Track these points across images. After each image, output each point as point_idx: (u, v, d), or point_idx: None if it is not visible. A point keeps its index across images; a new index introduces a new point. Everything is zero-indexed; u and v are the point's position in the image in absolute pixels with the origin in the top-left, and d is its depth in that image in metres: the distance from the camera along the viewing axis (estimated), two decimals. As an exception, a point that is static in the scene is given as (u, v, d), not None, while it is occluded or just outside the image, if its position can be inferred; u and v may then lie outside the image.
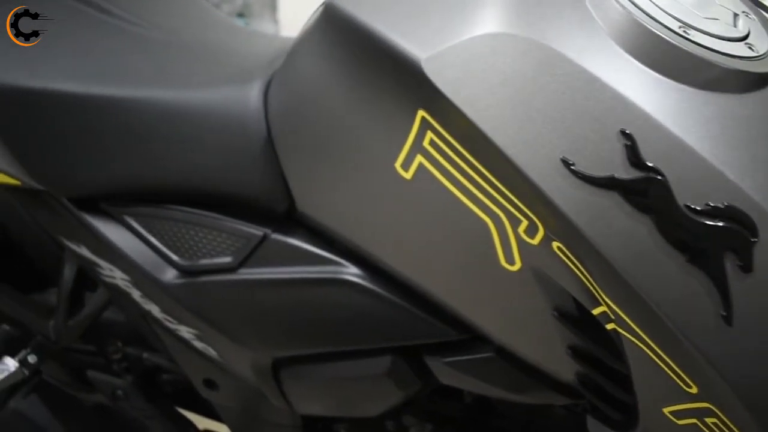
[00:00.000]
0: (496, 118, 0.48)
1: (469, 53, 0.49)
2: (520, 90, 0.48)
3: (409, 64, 0.51)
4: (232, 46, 0.81)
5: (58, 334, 0.94)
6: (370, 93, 0.57)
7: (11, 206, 1.02)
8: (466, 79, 0.49)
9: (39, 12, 0.80)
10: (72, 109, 0.73)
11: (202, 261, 0.73)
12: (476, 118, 0.48)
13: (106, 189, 0.77)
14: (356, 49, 0.56)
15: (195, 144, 0.71)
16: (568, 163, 0.46)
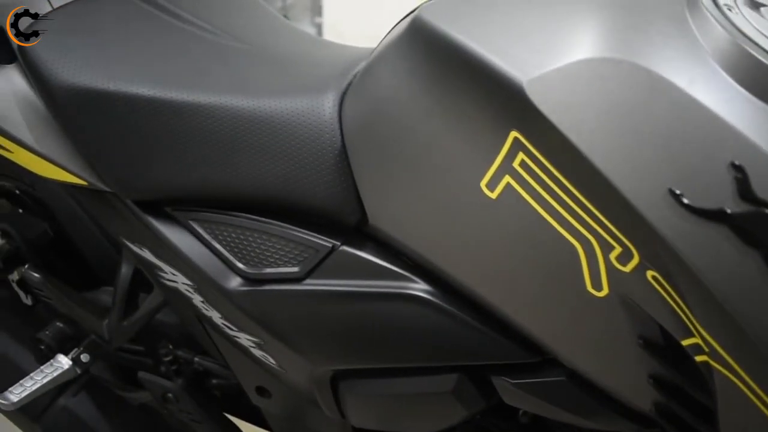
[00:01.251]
0: (601, 144, 0.47)
1: (574, 77, 0.48)
2: (628, 117, 0.47)
3: (509, 85, 0.50)
4: (305, 54, 0.81)
5: (112, 334, 0.94)
6: (458, 110, 0.56)
7: (69, 206, 1.03)
8: (570, 103, 0.48)
9: (117, 16, 0.81)
10: (146, 113, 0.73)
11: (268, 270, 0.73)
12: (580, 143, 0.47)
13: (174, 193, 0.77)
14: (448, 66, 0.56)
15: (268, 152, 0.70)
16: (675, 193, 0.45)
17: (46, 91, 0.77)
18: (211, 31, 0.83)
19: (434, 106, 0.58)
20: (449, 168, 0.59)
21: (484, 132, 0.55)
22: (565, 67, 0.49)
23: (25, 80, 0.82)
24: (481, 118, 0.55)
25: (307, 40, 0.88)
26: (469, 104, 0.55)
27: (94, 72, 0.75)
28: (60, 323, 1.01)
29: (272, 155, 0.70)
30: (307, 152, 0.69)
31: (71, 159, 0.80)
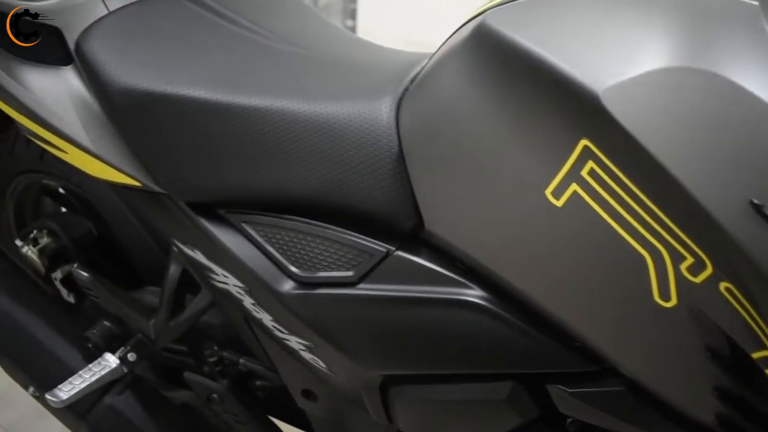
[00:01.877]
0: (680, 154, 0.47)
1: (653, 86, 0.48)
2: (708, 128, 0.46)
3: (584, 94, 0.50)
4: (356, 58, 0.81)
5: (158, 334, 0.95)
6: (525, 118, 0.56)
7: (115, 205, 1.04)
8: (649, 112, 0.48)
9: (170, 19, 0.81)
10: (202, 116, 0.74)
11: (321, 273, 0.73)
12: (658, 153, 0.47)
13: (227, 196, 0.77)
14: (516, 73, 0.55)
15: (323, 157, 0.70)
16: (756, 205, 0.45)
17: (102, 93, 0.78)
18: (263, 34, 0.84)
19: (499, 112, 0.58)
20: (513, 175, 0.58)
21: (552, 139, 0.54)
22: (643, 76, 0.48)
23: (80, 82, 0.83)
24: (549, 126, 0.54)
25: (356, 44, 0.88)
26: (537, 111, 0.55)
27: (151, 74, 0.76)
28: (107, 322, 1.02)
29: (328, 159, 0.70)
30: (363, 157, 0.69)
31: (125, 160, 0.81)
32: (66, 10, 0.83)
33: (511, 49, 0.55)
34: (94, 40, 0.79)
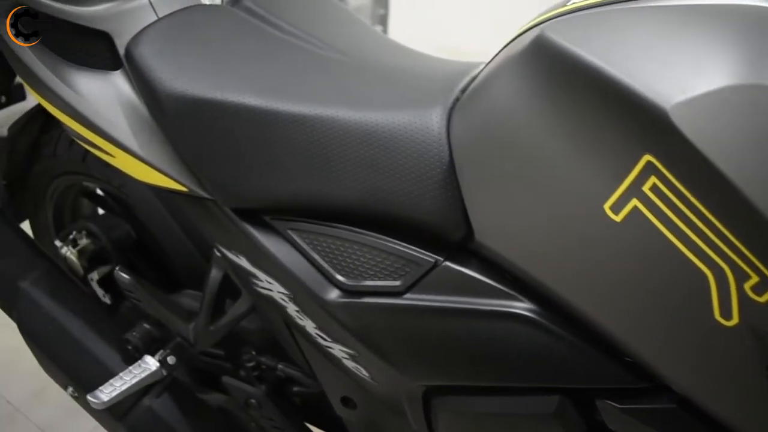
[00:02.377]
0: (751, 172, 0.46)
1: (724, 103, 0.47)
2: (781, 145, 0.46)
3: (651, 109, 0.49)
4: (405, 67, 0.81)
5: (198, 337, 0.95)
6: (585, 131, 0.55)
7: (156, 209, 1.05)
8: (719, 129, 0.47)
9: (219, 25, 0.81)
10: (251, 123, 0.74)
11: (367, 282, 0.73)
12: (728, 171, 0.46)
13: (273, 203, 0.77)
14: (578, 86, 0.55)
15: (372, 166, 0.70)
16: None
17: (152, 98, 0.79)
18: (310, 41, 0.84)
19: (557, 125, 0.57)
20: (569, 188, 0.58)
21: (613, 154, 0.54)
22: (713, 93, 0.47)
23: (129, 86, 0.83)
24: (610, 140, 0.53)
25: (402, 52, 0.87)
26: (598, 125, 0.54)
27: (202, 81, 0.76)
28: (146, 325, 1.03)
29: (377, 169, 0.70)
30: (413, 166, 0.69)
31: (172, 165, 0.81)
32: (116, 16, 0.84)
33: (573, 62, 0.54)
34: (145, 46, 0.80)
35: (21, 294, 1.04)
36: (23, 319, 1.05)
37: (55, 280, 1.07)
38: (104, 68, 0.84)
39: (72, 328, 1.02)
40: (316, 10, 0.93)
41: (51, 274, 1.08)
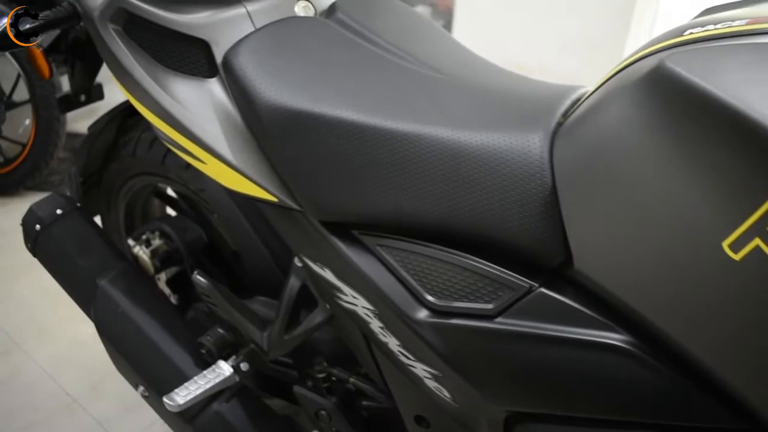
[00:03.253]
0: None
1: None
2: None
3: None
4: (502, 87, 0.80)
5: (272, 346, 0.96)
6: (705, 166, 0.54)
7: (233, 215, 1.05)
8: None
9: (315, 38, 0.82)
10: (349, 138, 0.74)
11: (457, 304, 0.72)
12: None
13: (364, 218, 0.77)
14: (701, 120, 0.53)
15: (470, 186, 0.69)
16: None
17: (249, 108, 0.79)
18: (405, 57, 0.84)
19: (675, 157, 0.56)
20: (684, 222, 0.56)
21: (737, 191, 0.52)
22: None
23: (225, 94, 0.84)
24: (734, 177, 0.52)
25: (495, 71, 0.87)
26: (721, 161, 0.52)
27: (300, 93, 0.76)
28: (220, 329, 1.04)
29: (474, 189, 0.69)
30: (513, 189, 0.68)
31: (264, 175, 0.82)
32: (214, 25, 0.85)
33: (699, 95, 0.52)
34: (244, 56, 0.80)
35: (99, 292, 1.06)
36: (100, 317, 1.07)
37: (132, 279, 1.09)
38: (200, 75, 0.85)
39: (147, 329, 1.03)
40: (407, 24, 0.93)
41: (129, 274, 1.09)
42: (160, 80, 0.85)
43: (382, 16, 0.93)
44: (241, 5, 0.87)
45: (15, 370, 1.83)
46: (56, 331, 1.96)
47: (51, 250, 1.12)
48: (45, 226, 1.12)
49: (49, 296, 2.06)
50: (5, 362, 1.86)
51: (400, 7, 0.97)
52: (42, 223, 1.13)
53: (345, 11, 0.91)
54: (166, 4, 0.85)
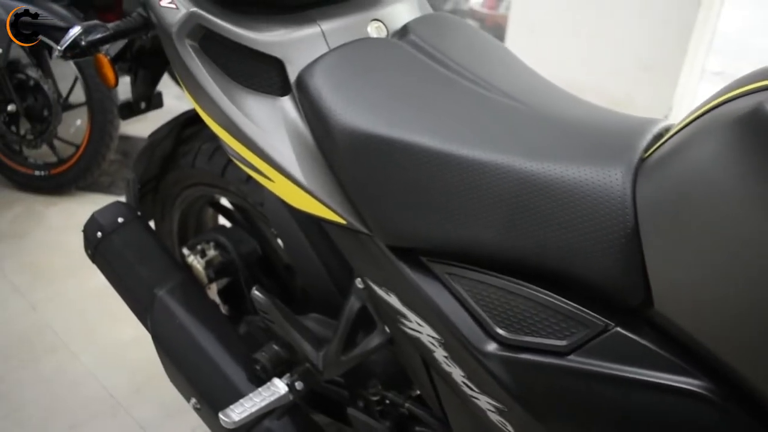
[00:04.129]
0: None
1: None
2: None
3: None
4: (578, 118, 0.78)
5: (327, 366, 0.95)
6: None
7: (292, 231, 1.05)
8: None
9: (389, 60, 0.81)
10: (423, 164, 0.73)
11: (528, 338, 0.70)
12: None
13: (434, 244, 0.76)
14: None
15: (547, 218, 0.68)
16: None
17: (323, 129, 0.79)
18: (480, 83, 0.82)
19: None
20: None
21: None
22: None
23: (297, 113, 0.84)
24: None
25: (572, 100, 0.85)
26: None
27: (375, 117, 0.76)
28: (276, 346, 1.03)
29: (552, 222, 0.68)
30: (592, 224, 0.66)
31: (333, 196, 0.81)
32: (289, 44, 0.84)
33: None
34: (318, 77, 0.80)
35: (156, 302, 1.06)
36: (156, 327, 1.07)
37: (189, 291, 1.09)
38: (273, 93, 0.85)
39: (203, 342, 1.03)
40: (479, 47, 0.92)
41: (186, 285, 1.10)
42: (233, 97, 0.85)
43: (454, 39, 0.92)
44: (315, 24, 0.87)
45: (60, 368, 1.86)
46: (102, 331, 1.98)
47: (111, 257, 1.13)
48: (106, 234, 1.13)
49: (97, 296, 2.10)
50: (52, 360, 1.89)
51: (471, 30, 0.96)
52: (103, 230, 1.14)
53: (418, 33, 0.90)
54: (242, 22, 0.85)
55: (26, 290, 2.16)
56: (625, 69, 2.52)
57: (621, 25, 2.50)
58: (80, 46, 1.05)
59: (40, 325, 2.02)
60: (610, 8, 2.49)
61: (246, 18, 0.86)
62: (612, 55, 2.55)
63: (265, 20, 0.86)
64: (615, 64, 2.54)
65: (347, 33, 0.88)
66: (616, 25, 2.52)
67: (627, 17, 2.48)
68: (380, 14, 0.93)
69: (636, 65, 2.50)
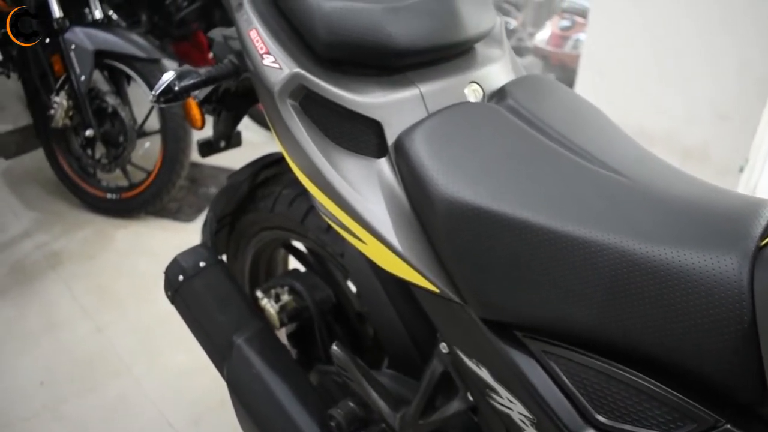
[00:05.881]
0: None
1: None
2: None
3: None
4: (686, 195, 0.75)
5: (404, 428, 0.93)
6: None
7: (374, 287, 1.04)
8: None
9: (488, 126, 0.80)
10: (524, 238, 0.71)
11: (629, 427, 0.67)
12: None
13: (531, 321, 0.74)
14: None
15: (653, 303, 0.65)
16: None
17: (422, 196, 0.78)
18: (581, 153, 0.80)
19: None
20: None
21: None
22: None
23: (393, 176, 0.83)
24: None
25: (676, 174, 0.82)
26: None
27: (477, 187, 0.74)
28: (351, 403, 1.02)
29: (659, 308, 0.65)
30: (703, 314, 0.63)
31: (428, 264, 0.80)
32: (388, 106, 0.84)
33: None
34: (419, 142, 0.79)
35: (235, 350, 1.06)
36: (233, 375, 1.07)
37: (267, 341, 1.09)
38: (369, 154, 0.85)
39: (279, 394, 1.03)
40: (577, 112, 0.90)
41: (264, 334, 1.10)
42: (330, 156, 0.85)
43: (552, 103, 0.90)
44: (414, 87, 0.86)
45: (123, 394, 1.88)
46: (165, 358, 2.01)
47: (191, 301, 1.14)
48: (188, 278, 1.14)
49: (162, 322, 2.13)
50: (114, 385, 1.91)
51: (568, 93, 0.94)
52: (185, 274, 1.15)
53: (515, 97, 0.89)
54: (342, 82, 0.85)
55: (93, 312, 2.21)
56: (699, 117, 2.45)
57: (697, 71, 2.44)
58: (173, 92, 1.07)
59: (105, 348, 2.06)
60: (686, 54, 2.44)
61: (345, 78, 0.86)
62: (686, 102, 2.49)
63: (364, 81, 0.86)
64: (689, 112, 2.47)
65: (445, 96, 0.88)
66: (692, 72, 2.46)
67: (703, 64, 2.42)
68: (477, 76, 0.92)
69: (711, 113, 2.43)
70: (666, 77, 2.53)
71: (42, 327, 2.14)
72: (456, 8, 0.88)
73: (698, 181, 0.81)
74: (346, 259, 1.10)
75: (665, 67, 2.52)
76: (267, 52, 0.88)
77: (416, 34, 0.85)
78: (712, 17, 2.33)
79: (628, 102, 2.63)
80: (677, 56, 2.46)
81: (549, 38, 4.23)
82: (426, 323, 0.93)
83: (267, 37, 0.89)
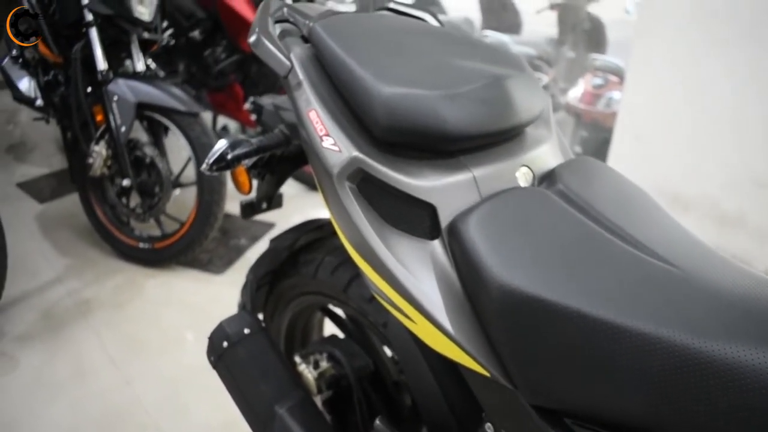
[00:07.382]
0: None
1: None
2: None
3: None
4: (742, 290, 0.75)
5: None
6: None
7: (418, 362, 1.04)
8: None
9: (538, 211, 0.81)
10: (580, 329, 0.72)
11: None
12: None
13: (581, 409, 0.74)
14: None
15: (708, 401, 0.65)
16: None
17: (476, 282, 0.79)
18: (633, 242, 0.81)
19: None
20: None
21: None
22: None
23: (446, 258, 0.84)
24: None
25: (726, 265, 0.82)
26: None
27: (531, 276, 0.75)
28: None
29: (715, 406, 0.65)
30: (758, 413, 0.63)
31: (479, 348, 0.80)
32: (442, 189, 0.86)
33: None
34: (473, 227, 0.81)
35: (277, 420, 1.06)
36: (274, 445, 1.07)
37: (309, 411, 1.09)
38: (422, 236, 0.86)
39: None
40: (626, 198, 0.91)
41: (306, 404, 1.10)
42: (384, 237, 0.87)
43: (600, 187, 0.91)
44: (468, 171, 0.88)
45: (150, 449, 1.88)
46: (193, 413, 2.00)
47: (234, 368, 1.14)
48: (232, 344, 1.15)
49: (190, 376, 2.13)
50: (142, 439, 1.91)
51: (616, 176, 0.96)
52: (230, 340, 1.16)
53: (565, 181, 0.90)
54: (397, 165, 0.87)
55: (121, 363, 2.22)
56: (737, 183, 2.45)
57: (736, 137, 2.44)
58: (226, 160, 1.10)
59: (132, 400, 2.06)
60: (723, 120, 2.44)
61: (401, 161, 0.88)
62: (724, 168, 2.48)
63: (419, 165, 0.88)
64: (727, 178, 2.47)
65: (497, 180, 0.89)
66: (731, 137, 2.46)
67: (742, 129, 2.41)
68: (527, 159, 0.94)
69: (750, 180, 2.42)
70: (703, 142, 2.54)
71: (70, 375, 2.15)
72: (510, 95, 0.91)
73: (747, 270, 0.82)
74: (389, 329, 1.10)
75: (702, 131, 2.53)
76: (327, 134, 0.91)
77: (471, 121, 0.87)
78: (750, 83, 2.35)
79: (665, 166, 2.63)
80: (715, 121, 2.47)
81: (582, 95, 4.24)
82: (469, 400, 0.93)
83: (327, 119, 0.92)
